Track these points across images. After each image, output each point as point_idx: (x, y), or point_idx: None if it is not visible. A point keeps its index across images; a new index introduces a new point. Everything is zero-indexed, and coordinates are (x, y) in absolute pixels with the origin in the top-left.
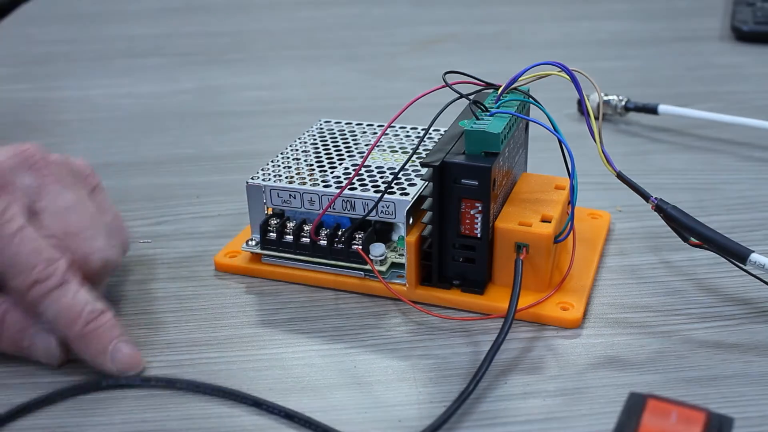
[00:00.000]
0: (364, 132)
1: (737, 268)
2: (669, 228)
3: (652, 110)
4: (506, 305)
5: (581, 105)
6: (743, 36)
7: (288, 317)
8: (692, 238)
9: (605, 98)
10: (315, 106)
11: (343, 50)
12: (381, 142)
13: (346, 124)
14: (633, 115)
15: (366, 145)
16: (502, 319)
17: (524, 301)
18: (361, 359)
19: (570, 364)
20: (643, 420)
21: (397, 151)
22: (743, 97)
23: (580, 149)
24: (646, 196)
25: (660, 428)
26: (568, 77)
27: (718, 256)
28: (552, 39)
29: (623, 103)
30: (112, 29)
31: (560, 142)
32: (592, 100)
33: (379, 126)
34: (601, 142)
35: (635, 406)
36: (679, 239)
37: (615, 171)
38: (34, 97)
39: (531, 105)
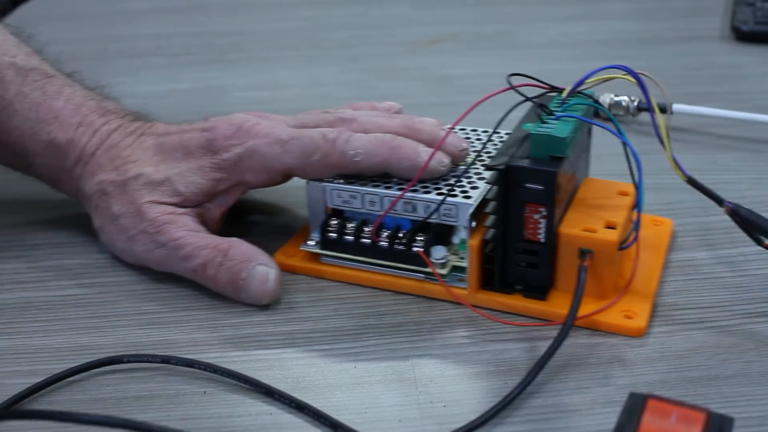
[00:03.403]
0: None
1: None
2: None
3: (662, 110)
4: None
5: (648, 109)
6: (743, 36)
7: (289, 317)
8: (766, 240)
9: (615, 99)
10: (315, 106)
11: (343, 50)
12: None
13: None
14: (645, 116)
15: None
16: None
17: (586, 308)
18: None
19: (571, 363)
20: (643, 420)
21: None
22: (743, 97)
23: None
24: (719, 200)
25: (660, 428)
26: (633, 80)
27: None
28: (552, 39)
29: (635, 103)
30: (112, 29)
31: (626, 146)
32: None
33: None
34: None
35: (635, 406)
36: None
37: (686, 176)
38: None
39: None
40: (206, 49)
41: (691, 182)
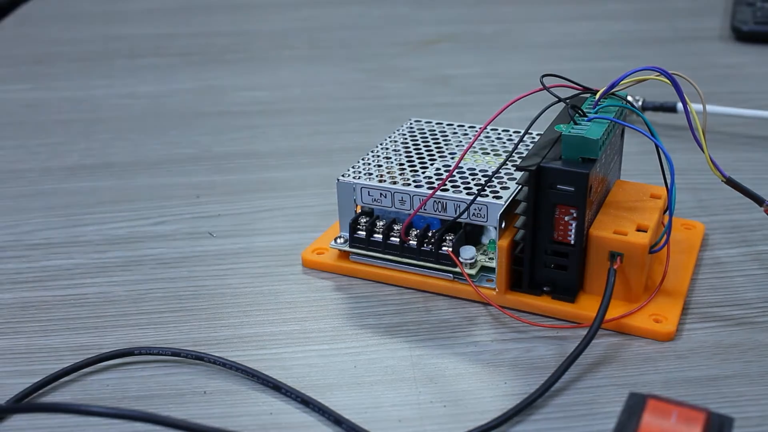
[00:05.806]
0: (455, 132)
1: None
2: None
3: (670, 109)
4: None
5: (685, 110)
6: (743, 36)
7: (289, 317)
8: None
9: None
10: (315, 106)
11: (343, 50)
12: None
13: (437, 124)
14: (650, 115)
15: (457, 145)
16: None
17: (614, 311)
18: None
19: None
20: (643, 420)
21: (488, 153)
22: (743, 97)
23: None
24: (759, 201)
25: (660, 428)
26: (668, 81)
27: None
28: (552, 39)
29: (639, 103)
30: (112, 29)
31: (659, 149)
32: (695, 107)
33: (470, 127)
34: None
35: (635, 406)
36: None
37: (724, 177)
38: (34, 97)
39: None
40: (206, 49)
41: (730, 183)
